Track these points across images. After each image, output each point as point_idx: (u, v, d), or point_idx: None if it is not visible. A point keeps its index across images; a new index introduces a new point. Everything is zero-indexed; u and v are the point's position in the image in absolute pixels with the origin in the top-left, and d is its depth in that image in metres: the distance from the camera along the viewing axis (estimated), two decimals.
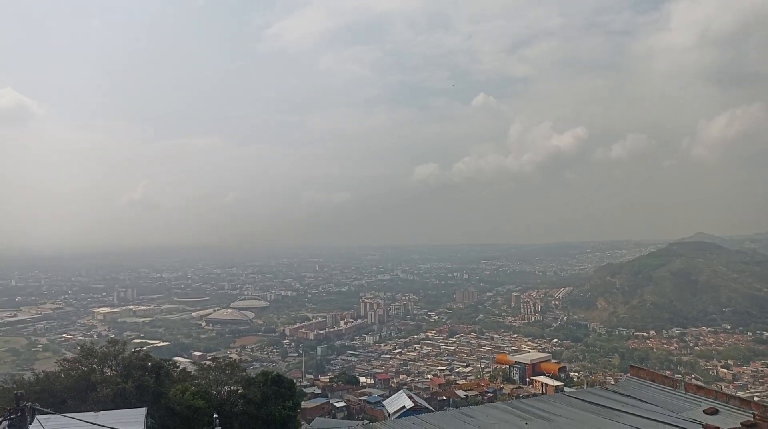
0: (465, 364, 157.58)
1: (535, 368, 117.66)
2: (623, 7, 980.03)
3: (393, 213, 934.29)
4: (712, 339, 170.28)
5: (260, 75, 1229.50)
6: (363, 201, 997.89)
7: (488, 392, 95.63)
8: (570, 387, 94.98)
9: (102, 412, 29.56)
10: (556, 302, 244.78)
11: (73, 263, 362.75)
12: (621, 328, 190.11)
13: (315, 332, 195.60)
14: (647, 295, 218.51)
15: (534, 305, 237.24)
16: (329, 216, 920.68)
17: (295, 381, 63.03)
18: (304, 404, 63.71)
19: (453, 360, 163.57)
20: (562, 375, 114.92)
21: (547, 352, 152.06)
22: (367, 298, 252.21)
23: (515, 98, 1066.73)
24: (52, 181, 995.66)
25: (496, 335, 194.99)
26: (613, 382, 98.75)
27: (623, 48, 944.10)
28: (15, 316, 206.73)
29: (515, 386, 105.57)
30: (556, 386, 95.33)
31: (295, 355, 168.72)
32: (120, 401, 36.08)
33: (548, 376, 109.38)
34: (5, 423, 12.00)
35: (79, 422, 21.66)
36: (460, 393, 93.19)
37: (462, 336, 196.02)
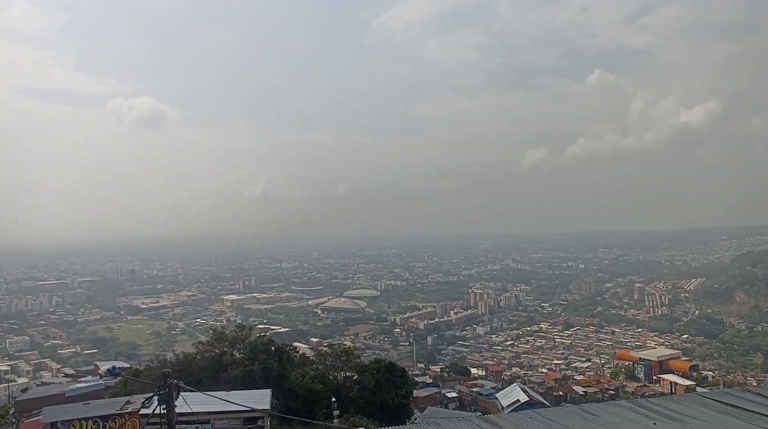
0: (583, 359, 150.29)
1: (663, 366, 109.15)
2: None
3: (502, 200, 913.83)
4: None
5: (368, 67, 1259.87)
6: (471, 188, 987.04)
7: (609, 389, 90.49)
8: (703, 387, 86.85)
9: (233, 391, 32.23)
10: (686, 295, 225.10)
11: (205, 254, 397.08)
12: (765, 324, 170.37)
13: (425, 322, 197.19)
14: None
15: (660, 298, 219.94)
16: (438, 204, 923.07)
17: (406, 370, 64.18)
18: (416, 393, 64.59)
19: (569, 354, 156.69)
20: (694, 374, 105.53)
21: (677, 349, 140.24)
22: (477, 289, 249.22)
23: (635, 72, 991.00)
24: (184, 179, 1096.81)
25: (617, 329, 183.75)
26: (755, 384, 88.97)
27: (762, 6, 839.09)
28: (157, 302, 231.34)
29: (640, 384, 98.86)
30: (686, 386, 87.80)
31: (406, 344, 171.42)
32: (247, 382, 39.06)
33: (678, 374, 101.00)
34: (155, 398, 13.52)
35: (216, 399, 23.80)
36: (578, 389, 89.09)
37: (579, 329, 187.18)
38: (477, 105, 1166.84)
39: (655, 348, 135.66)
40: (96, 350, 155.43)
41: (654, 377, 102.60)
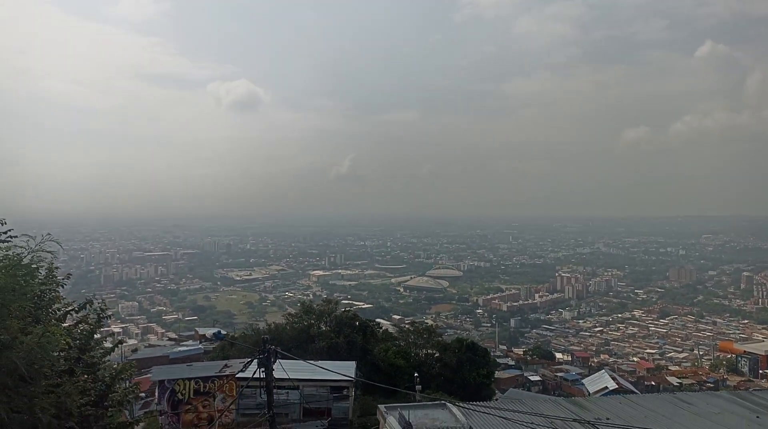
0: (679, 349, 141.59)
1: None
2: None
3: (595, 182, 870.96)
4: None
5: (456, 45, 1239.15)
6: (562, 169, 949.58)
7: (708, 382, 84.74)
8: None
9: (319, 361, 33.70)
10: None
11: (293, 230, 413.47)
12: None
13: (508, 304, 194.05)
14: None
15: None
16: (526, 185, 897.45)
17: (488, 350, 63.70)
18: (498, 374, 64.04)
19: (665, 344, 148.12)
20: None
21: None
22: (564, 272, 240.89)
23: (754, 43, 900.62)
24: (276, 159, 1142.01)
25: (719, 320, 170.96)
26: None
27: None
28: (250, 274, 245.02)
29: (743, 379, 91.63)
30: None
31: (488, 325, 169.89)
32: (333, 354, 40.62)
33: None
34: (255, 361, 14.50)
35: (306, 366, 25.09)
36: (673, 380, 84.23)
37: (676, 318, 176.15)
38: (571, 82, 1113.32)
39: (763, 341, 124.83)
40: (196, 317, 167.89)
41: (761, 372, 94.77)
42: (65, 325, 12.97)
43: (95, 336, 13.13)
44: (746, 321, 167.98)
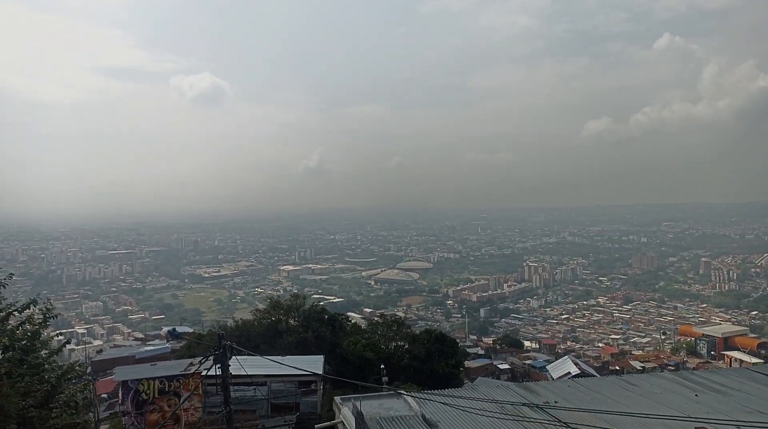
0: (642, 334, 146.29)
1: (728, 342, 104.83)
2: None
3: (560, 173, 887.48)
4: None
5: (422, 38, 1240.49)
6: (527, 161, 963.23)
7: (669, 365, 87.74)
8: None
9: (288, 357, 33.66)
10: (758, 270, 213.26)
11: (262, 226, 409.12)
12: None
13: (478, 294, 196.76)
14: None
15: (728, 273, 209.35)
16: (492, 177, 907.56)
17: (458, 341, 64.60)
18: (467, 363, 65.08)
19: (628, 329, 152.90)
20: (763, 351, 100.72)
21: (744, 326, 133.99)
22: (532, 262, 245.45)
23: (709, 36, 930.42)
24: (241, 153, 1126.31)
25: (680, 304, 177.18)
26: None
27: None
28: (218, 271, 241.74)
29: (702, 361, 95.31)
30: (753, 363, 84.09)
31: (459, 316, 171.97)
32: (302, 348, 40.60)
33: (744, 351, 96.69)
34: (211, 358, 14.44)
35: (268, 363, 25.04)
36: (636, 364, 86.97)
37: (639, 304, 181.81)
38: (535, 75, 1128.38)
39: (720, 324, 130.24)
40: (163, 316, 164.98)
41: (717, 354, 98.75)
42: (9, 326, 12.61)
43: (40, 336, 12.79)
44: (705, 305, 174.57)
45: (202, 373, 24.23)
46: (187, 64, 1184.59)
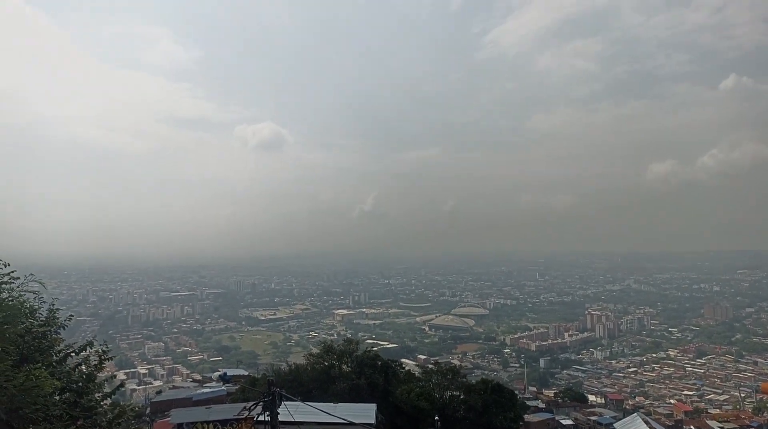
0: (719, 391, 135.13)
1: None
2: None
3: (622, 217, 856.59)
4: None
5: (478, 82, 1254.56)
6: (587, 204, 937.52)
7: (751, 426, 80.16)
8: None
9: (339, 404, 33.02)
10: None
11: (317, 269, 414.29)
12: None
13: (537, 343, 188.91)
14: None
15: None
16: (550, 221, 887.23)
17: (516, 392, 61.61)
18: (527, 417, 61.72)
19: (703, 385, 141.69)
20: None
21: None
22: (594, 310, 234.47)
23: None
24: (300, 198, 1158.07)
25: (760, 359, 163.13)
26: None
27: None
28: (274, 314, 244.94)
29: None
30: None
31: (517, 365, 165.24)
32: (354, 395, 39.80)
33: None
34: (260, 405, 14.25)
35: (319, 411, 24.58)
36: (713, 424, 79.85)
37: (714, 358, 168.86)
38: (594, 117, 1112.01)
39: None
40: (220, 358, 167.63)
41: None
42: (67, 367, 12.94)
43: (95, 379, 13.02)
44: None
45: (255, 419, 24.13)
46: (250, 113, 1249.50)
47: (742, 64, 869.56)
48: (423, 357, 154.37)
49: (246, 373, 73.49)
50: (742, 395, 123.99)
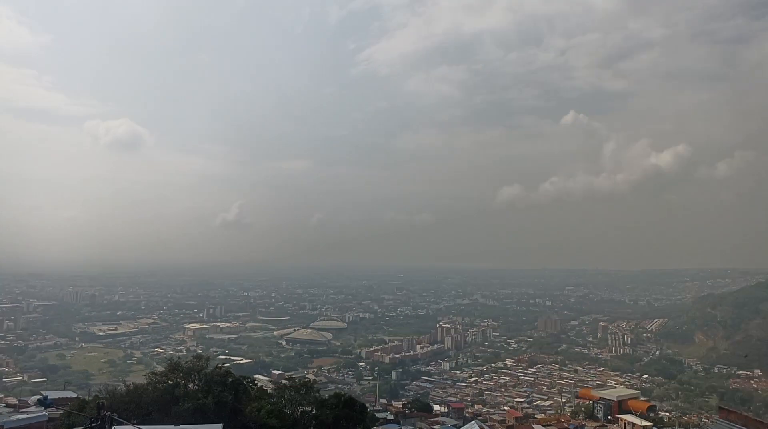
0: (545, 397, 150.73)
1: (622, 406, 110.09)
2: (735, 13, 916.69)
3: (475, 235, 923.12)
4: None
5: (351, 99, 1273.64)
6: (445, 222, 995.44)
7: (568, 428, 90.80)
8: (660, 428, 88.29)
9: (181, 426, 31.57)
10: (648, 335, 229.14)
11: (170, 280, 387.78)
12: (721, 366, 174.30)
13: (391, 356, 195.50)
14: (753, 330, 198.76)
15: (623, 337, 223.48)
16: (411, 237, 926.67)
17: (367, 405, 63.49)
18: None
19: (532, 392, 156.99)
20: (651, 414, 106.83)
21: (636, 389, 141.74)
22: (445, 323, 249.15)
23: (610, 115, 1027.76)
24: (158, 202, 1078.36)
25: (579, 367, 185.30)
26: (709, 425, 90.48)
27: (734, 57, 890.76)
28: (115, 329, 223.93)
29: (598, 424, 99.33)
30: (644, 426, 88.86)
31: (370, 378, 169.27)
32: (199, 416, 38.15)
33: (636, 414, 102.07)
34: None
35: None
36: (538, 428, 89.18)
37: (543, 367, 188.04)
38: (456, 141, 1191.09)
39: (616, 387, 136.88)
40: (45, 379, 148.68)
41: (612, 417, 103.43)
42: None
43: None
44: (602, 368, 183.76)
45: None
46: (107, 109, 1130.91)
47: (580, 102, 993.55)
48: (277, 372, 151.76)
49: (74, 396, 66.51)
50: (563, 400, 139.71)
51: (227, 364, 76.95)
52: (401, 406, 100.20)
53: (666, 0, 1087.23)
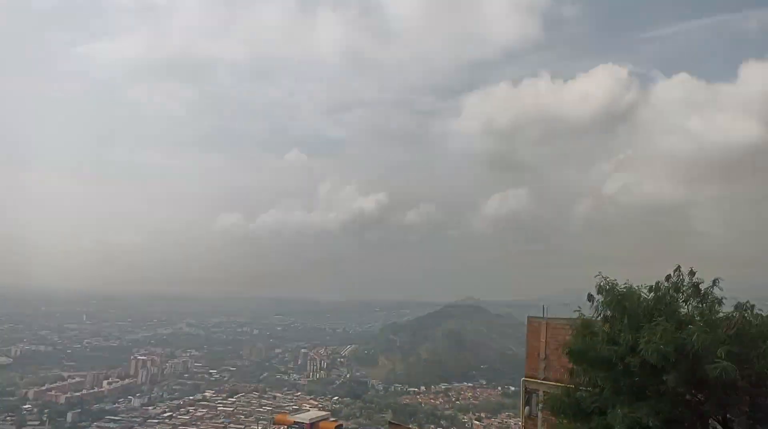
0: (242, 426, 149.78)
1: (314, 427, 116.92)
2: (428, 91, 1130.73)
3: (189, 260, 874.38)
4: (470, 393, 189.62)
5: (57, 96, 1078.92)
6: (156, 246, 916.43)
7: None
8: None
9: None
10: (342, 359, 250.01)
11: None
12: (397, 385, 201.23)
13: (68, 395, 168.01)
14: (423, 353, 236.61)
15: (320, 362, 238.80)
16: (112, 260, 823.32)
17: None
18: None
19: (230, 423, 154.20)
20: None
21: (327, 411, 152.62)
22: (141, 355, 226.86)
23: (327, 158, 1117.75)
24: None
25: (279, 394, 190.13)
26: None
27: (425, 126, 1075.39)
28: None
29: None
30: None
31: (37, 423, 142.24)
32: None
33: None
34: None
35: None
36: None
37: (243, 396, 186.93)
38: (177, 161, 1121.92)
39: (309, 411, 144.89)
40: None
41: None
42: None
43: None
44: (299, 393, 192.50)
45: None
46: None
47: (303, 142, 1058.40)
48: None
49: None
50: (259, 428, 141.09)
51: None
52: None
53: (380, 68, 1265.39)
